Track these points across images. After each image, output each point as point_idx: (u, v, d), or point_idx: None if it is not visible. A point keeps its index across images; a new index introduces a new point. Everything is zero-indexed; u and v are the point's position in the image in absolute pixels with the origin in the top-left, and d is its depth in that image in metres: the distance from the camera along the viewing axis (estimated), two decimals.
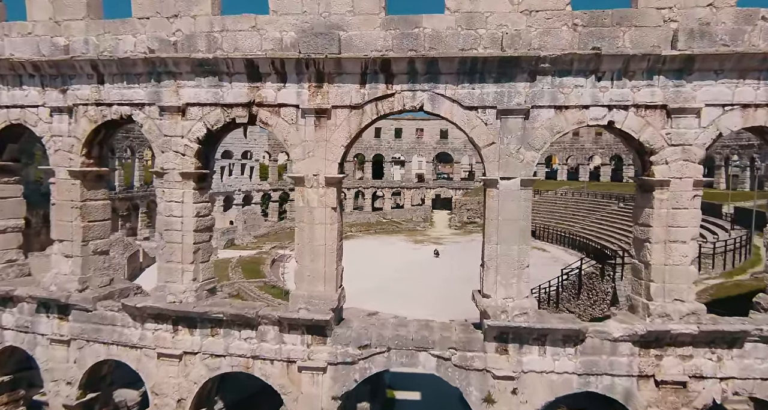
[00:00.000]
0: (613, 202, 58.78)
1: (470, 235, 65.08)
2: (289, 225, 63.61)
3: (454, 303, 34.90)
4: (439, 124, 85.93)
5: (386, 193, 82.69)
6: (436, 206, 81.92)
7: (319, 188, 12.40)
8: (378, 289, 35.66)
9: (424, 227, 69.81)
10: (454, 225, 70.96)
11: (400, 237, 62.32)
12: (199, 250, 13.22)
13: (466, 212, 74.15)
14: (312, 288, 12.59)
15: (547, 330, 11.55)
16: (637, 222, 12.05)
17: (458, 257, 49.85)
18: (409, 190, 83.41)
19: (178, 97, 12.50)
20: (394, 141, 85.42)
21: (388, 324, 12.93)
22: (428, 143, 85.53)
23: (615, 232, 48.40)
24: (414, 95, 11.95)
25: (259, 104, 12.39)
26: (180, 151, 12.69)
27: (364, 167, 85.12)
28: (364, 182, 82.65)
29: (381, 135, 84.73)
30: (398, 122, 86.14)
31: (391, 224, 70.90)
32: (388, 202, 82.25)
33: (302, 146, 12.37)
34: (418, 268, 45.12)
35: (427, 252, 52.41)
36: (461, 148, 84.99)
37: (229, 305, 12.97)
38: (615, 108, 11.26)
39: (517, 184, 11.76)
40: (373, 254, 49.56)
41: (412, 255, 51.42)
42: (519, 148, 11.68)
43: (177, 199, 12.84)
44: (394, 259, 48.65)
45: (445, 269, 44.91)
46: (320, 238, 12.50)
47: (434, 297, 36.34)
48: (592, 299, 24.20)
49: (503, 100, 11.58)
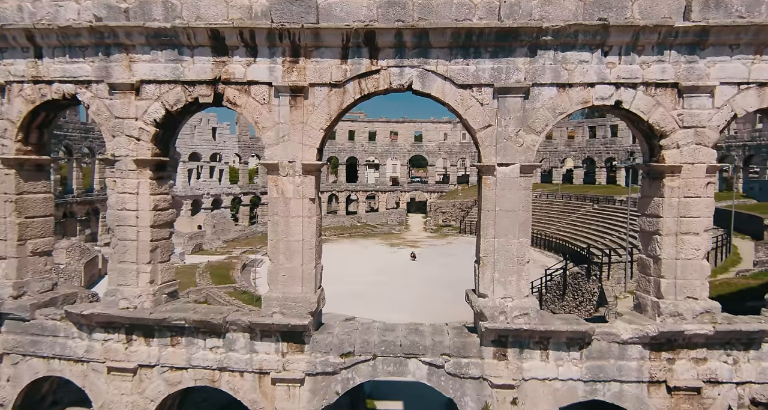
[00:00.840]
0: (587, 204, 58.88)
1: (446, 238, 64.39)
2: (260, 230, 61.52)
3: (433, 307, 33.79)
4: (414, 126, 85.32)
5: (360, 196, 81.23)
6: (411, 210, 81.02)
7: (295, 176, 11.01)
8: (354, 293, 34.22)
9: (400, 231, 68.67)
10: (429, 228, 70.10)
11: (376, 241, 61.00)
12: (158, 248, 11.62)
13: (442, 215, 73.48)
14: (288, 290, 11.16)
15: (551, 333, 10.41)
16: (644, 213, 11.06)
17: (435, 261, 49.02)
18: (384, 193, 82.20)
19: (130, 73, 10.93)
20: (368, 144, 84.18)
21: (374, 328, 11.58)
22: (403, 146, 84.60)
23: (592, 233, 48.22)
24: (402, 72, 10.71)
25: (225, 82, 10.93)
26: (134, 135, 11.10)
27: (338, 171, 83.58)
28: (338, 185, 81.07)
29: (355, 138, 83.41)
30: (372, 125, 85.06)
31: (366, 227, 69.51)
32: (363, 205, 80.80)
33: (276, 129, 10.97)
34: (394, 272, 43.93)
35: (403, 256, 51.27)
36: (436, 151, 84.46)
37: (193, 311, 11.40)
38: (623, 86, 10.26)
39: (517, 170, 10.62)
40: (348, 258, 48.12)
41: (388, 259, 50.19)
42: (518, 131, 10.55)
43: (131, 190, 11.23)
44: (370, 263, 47.32)
45: (422, 272, 43.89)
46: (297, 233, 11.09)
47: (413, 301, 35.16)
48: (578, 299, 23.34)
49: (501, 77, 10.45)
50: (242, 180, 73.42)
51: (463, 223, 68.72)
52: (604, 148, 73.22)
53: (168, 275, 12.01)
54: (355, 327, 11.68)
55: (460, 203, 74.07)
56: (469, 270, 45.33)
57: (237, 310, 11.68)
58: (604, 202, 57.20)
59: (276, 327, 10.95)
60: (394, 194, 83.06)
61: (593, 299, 22.70)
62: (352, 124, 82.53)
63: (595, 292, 22.52)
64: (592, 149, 74.90)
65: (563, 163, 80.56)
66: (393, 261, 48.96)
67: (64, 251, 32.41)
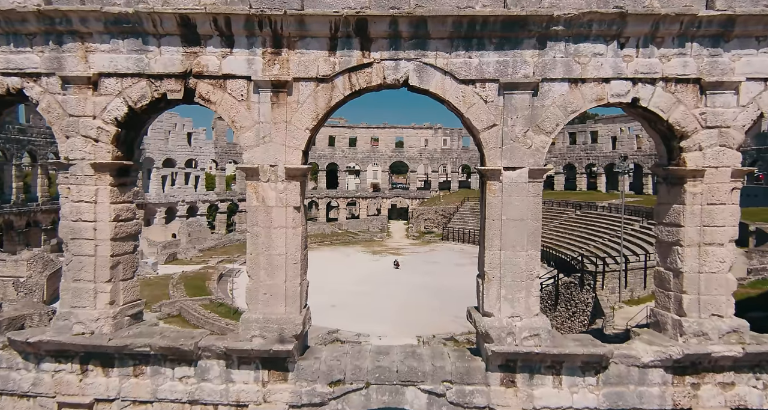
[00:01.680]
0: (569, 209, 58.69)
1: (429, 245, 63.45)
2: (238, 238, 59.61)
3: (419, 316, 32.66)
4: (395, 132, 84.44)
5: (341, 203, 79.87)
6: (392, 216, 79.93)
7: (277, 182, 9.76)
8: (337, 304, 32.92)
9: (382, 238, 67.45)
10: (411, 235, 69.09)
11: (358, 248, 59.66)
12: (119, 264, 10.21)
13: (424, 222, 72.58)
14: (269, 310, 9.87)
15: (565, 357, 9.35)
16: (661, 222, 10.11)
17: (419, 268, 47.97)
18: (365, 200, 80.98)
19: (87, 64, 9.57)
20: (348, 150, 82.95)
21: (366, 352, 10.35)
22: (384, 152, 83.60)
23: (575, 240, 47.80)
24: (397, 66, 9.59)
25: (198, 75, 9.65)
26: (91, 136, 9.71)
27: (318, 177, 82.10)
28: (318, 191, 79.53)
29: (335, 143, 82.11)
30: (353, 131, 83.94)
31: (347, 234, 68.13)
32: (343, 212, 79.42)
33: (256, 129, 9.72)
34: (377, 280, 42.68)
35: (386, 263, 50.08)
36: (417, 157, 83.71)
37: (159, 335, 10.00)
38: (641, 82, 9.31)
39: (525, 175, 9.57)
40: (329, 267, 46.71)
41: (370, 267, 48.93)
42: (526, 131, 9.51)
43: (88, 198, 9.82)
44: (352, 271, 45.99)
45: (406, 280, 42.74)
46: (280, 246, 9.83)
47: (397, 311, 34.00)
48: (571, 310, 22.52)
49: (507, 71, 9.41)
50: (219, 187, 71.35)
51: (445, 230, 67.87)
52: (585, 154, 73.43)
53: (132, 295, 10.59)
54: (345, 351, 10.43)
55: (443, 210, 73.29)
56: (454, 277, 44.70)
57: (210, 334, 10.31)
58: (587, 208, 57.08)
59: (256, 353, 9.65)
60: (375, 201, 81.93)
61: (587, 309, 21.86)
62: (333, 129, 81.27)
63: (589, 302, 21.70)
64: (573, 155, 75.05)
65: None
66: (375, 269, 47.75)
67: (25, 264, 30.29)
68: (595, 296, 21.93)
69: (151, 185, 61.17)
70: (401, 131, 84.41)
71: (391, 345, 10.95)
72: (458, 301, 36.17)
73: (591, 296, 21.80)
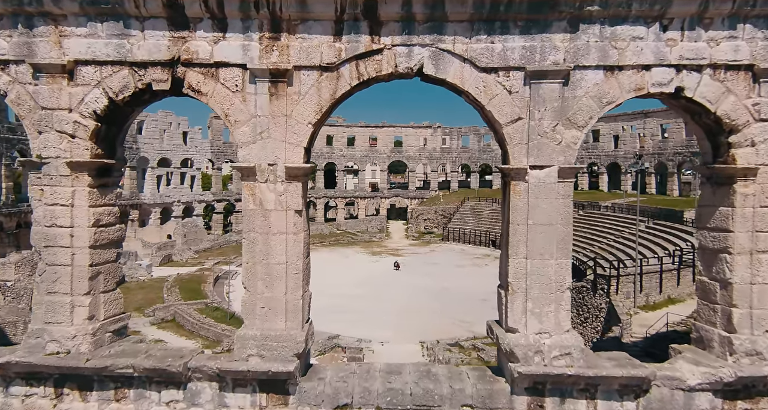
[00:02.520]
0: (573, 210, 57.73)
1: (429, 245, 62.49)
2: (234, 239, 58.53)
3: (421, 320, 31.60)
4: (393, 131, 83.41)
5: (339, 203, 78.80)
6: (391, 216, 78.94)
7: (277, 182, 8.70)
8: (337, 307, 31.84)
9: (381, 239, 66.42)
10: (411, 236, 68.10)
11: (357, 249, 58.62)
12: (100, 275, 9.13)
13: (423, 222, 71.59)
14: (268, 326, 8.82)
15: (601, 379, 8.31)
16: (705, 226, 9.08)
17: (420, 270, 46.99)
18: (363, 199, 79.95)
19: (61, 50, 8.48)
20: (346, 149, 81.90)
21: (375, 371, 9.29)
22: (382, 151, 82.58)
23: (580, 240, 46.80)
24: (410, 52, 8.53)
25: (187, 63, 8.58)
26: (67, 131, 8.63)
27: (316, 176, 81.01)
28: (316, 191, 78.42)
29: (333, 143, 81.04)
30: (351, 130, 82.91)
31: (346, 235, 67.08)
32: (342, 212, 78.33)
33: (252, 123, 8.66)
34: (377, 282, 41.68)
35: (386, 265, 49.08)
36: (416, 156, 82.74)
37: (144, 355, 8.92)
38: (685, 69, 8.27)
39: (554, 174, 8.54)
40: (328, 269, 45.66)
41: (370, 268, 47.90)
42: (555, 125, 8.47)
43: (64, 201, 8.74)
44: (352, 273, 44.97)
45: (407, 282, 41.75)
46: (279, 253, 8.77)
47: (399, 314, 32.96)
48: (583, 316, 21.51)
49: (534, 58, 8.37)
50: (215, 187, 70.19)
51: (445, 230, 66.91)
52: (586, 153, 72.54)
53: (114, 308, 9.51)
54: (352, 371, 9.38)
55: (442, 210, 72.32)
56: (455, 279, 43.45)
57: (201, 352, 9.23)
58: (590, 208, 56.17)
59: (252, 375, 8.59)
60: (374, 201, 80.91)
61: (600, 315, 20.85)
62: (331, 128, 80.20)
63: (602, 308, 20.68)
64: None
65: None
66: (375, 271, 46.75)
67: (13, 267, 29.11)
68: (610, 301, 20.92)
69: (145, 185, 59.99)
70: (400, 130, 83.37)
71: (402, 363, 9.89)
72: (460, 304, 35.36)
73: (605, 302, 20.79)
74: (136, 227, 56.28)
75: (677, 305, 21.61)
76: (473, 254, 55.16)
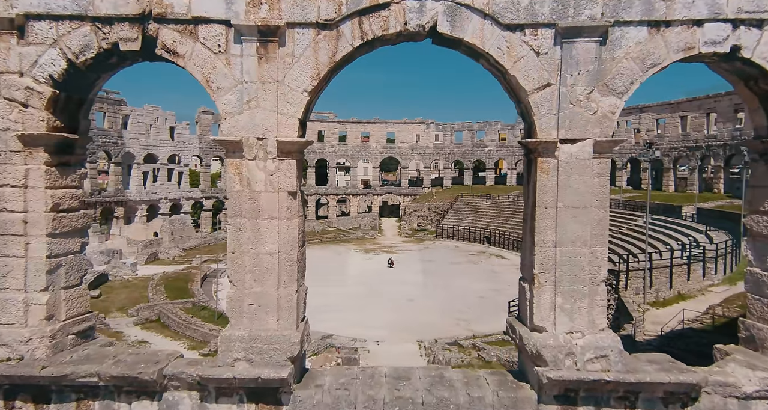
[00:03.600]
0: None
1: (422, 242, 61.45)
2: (223, 236, 56.82)
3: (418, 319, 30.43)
4: (386, 127, 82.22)
5: (331, 200, 77.44)
6: (383, 213, 77.80)
7: (267, 160, 7.48)
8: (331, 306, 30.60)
9: (374, 236, 65.24)
10: (404, 233, 66.98)
11: (349, 247, 57.39)
12: (60, 268, 7.84)
13: (416, 219, 70.50)
14: (257, 325, 7.60)
15: (644, 386, 7.19)
16: (757, 210, 8.00)
17: (414, 267, 45.94)
18: (356, 197, 78.66)
19: (8, 2, 7.17)
20: (338, 145, 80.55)
21: (381, 376, 8.10)
22: (374, 148, 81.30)
23: None
24: (422, 6, 7.34)
25: (159, 18, 7.31)
26: (18, 99, 7.33)
27: (307, 173, 79.61)
28: (307, 188, 76.95)
29: (325, 139, 79.64)
30: (342, 126, 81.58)
31: (338, 232, 65.83)
32: (333, 210, 77.00)
33: (238, 90, 7.42)
34: (372, 280, 40.52)
35: (379, 262, 47.94)
36: (408, 152, 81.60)
37: (112, 360, 7.65)
38: (743, 25, 7.15)
39: (588, 149, 7.39)
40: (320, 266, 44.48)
41: (363, 266, 46.75)
42: (590, 91, 7.33)
43: (15, 181, 7.45)
44: (345, 271, 43.77)
45: (401, 279, 40.63)
46: (270, 242, 7.56)
47: (394, 313, 31.86)
48: None
49: (567, 12, 7.21)
50: (204, 184, 68.52)
51: (439, 227, 65.90)
52: None
53: (78, 307, 8.23)
54: (354, 376, 8.17)
55: (436, 207, 71.27)
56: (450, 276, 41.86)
57: (179, 356, 7.98)
58: None
59: (239, 382, 7.37)
60: (366, 198, 79.66)
61: (609, 312, 19.82)
62: (322, 124, 78.84)
63: (611, 304, 19.67)
64: None
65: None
66: (369, 268, 45.61)
67: None
68: (619, 298, 19.91)
69: (131, 181, 58.24)
70: (392, 126, 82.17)
71: (411, 367, 8.70)
72: (457, 301, 34.24)
73: (614, 298, 19.78)
74: (122, 224, 54.58)
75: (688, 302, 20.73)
76: (468, 251, 54.19)
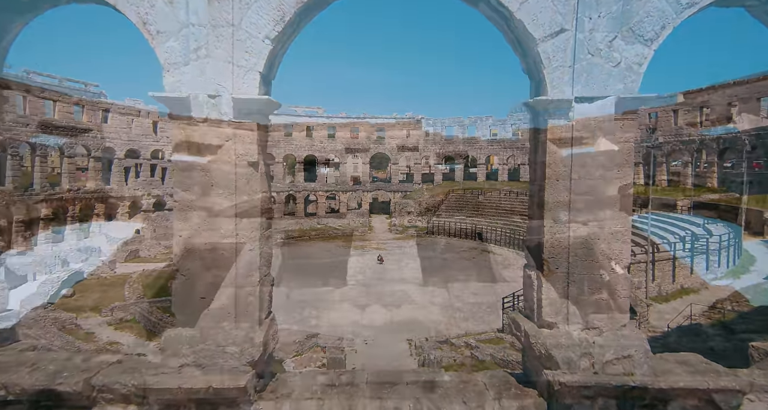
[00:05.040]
0: None
1: (413, 239, 60.32)
2: None
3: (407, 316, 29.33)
4: (375, 122, 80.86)
5: (320, 197, 75.92)
6: (373, 210, 76.47)
7: (222, 123, 6.14)
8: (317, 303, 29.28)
9: (363, 233, 63.92)
10: (395, 230, 65.72)
11: (339, 244, 56.08)
12: None
13: (407, 216, 69.30)
14: (209, 324, 6.28)
15: (676, 392, 5.96)
16: None
17: (404, 263, 44.81)
18: (345, 193, 77.21)
19: None
20: (327, 141, 79.05)
21: (362, 383, 6.79)
22: (364, 144, 79.93)
23: None
24: None
25: None
26: None
27: (295, 170, 78.07)
28: (295, 185, 75.48)
29: (313, 135, 78.13)
30: (331, 121, 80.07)
31: (327, 229, 64.45)
32: (323, 206, 75.50)
33: (183, 35, 6.07)
34: (361, 277, 39.28)
35: (369, 259, 46.70)
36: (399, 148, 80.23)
37: (29, 368, 6.27)
38: None
39: (610, 108, 6.14)
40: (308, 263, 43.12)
41: (353, 263, 45.47)
42: (613, 38, 6.08)
43: None
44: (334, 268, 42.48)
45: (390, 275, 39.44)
46: (227, 223, 6.23)
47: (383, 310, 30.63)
48: None
49: None
50: None
51: (430, 223, 64.75)
52: None
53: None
54: (330, 382, 6.86)
55: (426, 203, 70.17)
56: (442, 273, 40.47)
57: (117, 362, 6.62)
58: None
59: (186, 393, 6.03)
60: (356, 194, 78.27)
61: None
62: (310, 120, 77.38)
63: None
64: None
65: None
66: (358, 265, 44.41)
67: None
68: None
69: (112, 177, 56.40)
70: (382, 122, 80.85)
71: (398, 370, 7.41)
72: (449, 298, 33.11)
73: None
74: (102, 221, 52.74)
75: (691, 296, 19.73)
76: (459, 247, 53.11)
